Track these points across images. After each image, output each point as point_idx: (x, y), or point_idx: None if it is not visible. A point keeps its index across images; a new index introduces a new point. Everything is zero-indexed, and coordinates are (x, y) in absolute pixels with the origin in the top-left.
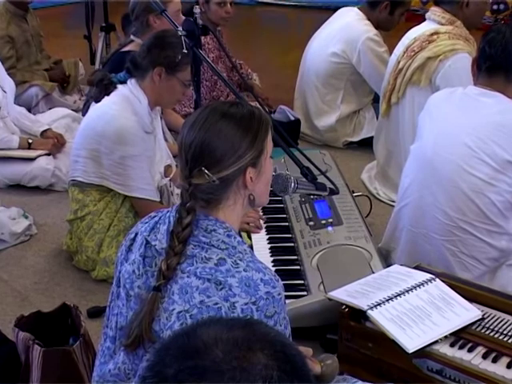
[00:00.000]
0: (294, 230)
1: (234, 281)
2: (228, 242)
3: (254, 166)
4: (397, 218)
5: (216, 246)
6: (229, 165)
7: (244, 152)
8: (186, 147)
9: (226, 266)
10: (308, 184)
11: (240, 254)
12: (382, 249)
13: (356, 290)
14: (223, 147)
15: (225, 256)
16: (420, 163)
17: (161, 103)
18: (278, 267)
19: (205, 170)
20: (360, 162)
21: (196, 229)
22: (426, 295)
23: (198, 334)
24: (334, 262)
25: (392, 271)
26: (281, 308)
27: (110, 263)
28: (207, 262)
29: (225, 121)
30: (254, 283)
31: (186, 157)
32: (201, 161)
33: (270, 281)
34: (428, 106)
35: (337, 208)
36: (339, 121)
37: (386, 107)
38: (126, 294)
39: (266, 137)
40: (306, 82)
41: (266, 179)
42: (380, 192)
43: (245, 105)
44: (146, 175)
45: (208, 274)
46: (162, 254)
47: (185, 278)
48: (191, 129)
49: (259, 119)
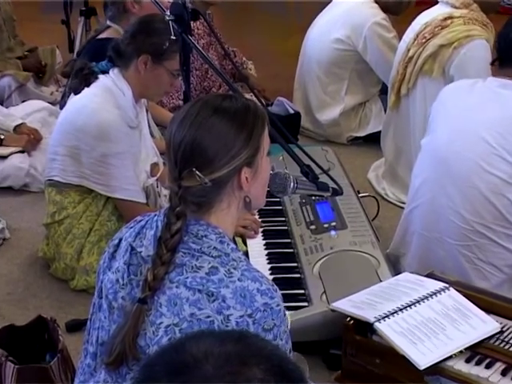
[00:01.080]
0: (294, 234)
1: (227, 292)
2: (221, 248)
3: (249, 166)
4: (407, 221)
5: (207, 253)
6: (222, 165)
7: (239, 151)
8: (175, 146)
9: (218, 275)
10: (309, 184)
11: (234, 262)
12: (390, 255)
13: (362, 301)
14: (216, 146)
15: (217, 264)
16: (433, 161)
17: (146, 95)
18: (276, 275)
19: (196, 171)
20: (366, 160)
21: (186, 234)
22: (440, 306)
23: (187, 348)
24: (337, 269)
25: (401, 280)
26: (280, 320)
27: (91, 272)
28: (198, 270)
29: (217, 116)
30: (249, 294)
31: (176, 157)
32: (191, 161)
33: (267, 291)
34: (442, 98)
35: (340, 210)
36: (343, 114)
37: (395, 99)
38: (108, 306)
39: (263, 133)
40: (307, 72)
41: (262, 179)
42: (388, 192)
43: (239, 98)
44: (130, 174)
45: (199, 285)
46: (148, 262)
47: (173, 288)
48: (180, 125)
49: (255, 113)
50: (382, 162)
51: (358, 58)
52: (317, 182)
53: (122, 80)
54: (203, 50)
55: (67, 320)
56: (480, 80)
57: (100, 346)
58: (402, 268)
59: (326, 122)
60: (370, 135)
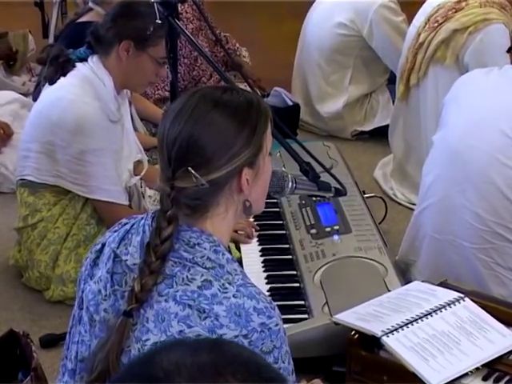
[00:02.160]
0: (293, 239)
1: (220, 309)
2: (215, 259)
3: (250, 166)
4: (417, 223)
5: (200, 264)
6: (221, 165)
7: (240, 149)
8: (169, 143)
9: (211, 289)
10: (309, 183)
11: (229, 276)
12: (399, 262)
13: (368, 313)
14: (215, 143)
15: (211, 277)
16: (445, 156)
17: (129, 85)
18: (272, 284)
19: (192, 170)
20: (372, 157)
21: (177, 242)
22: (454, 318)
23: (157, 360)
24: (341, 278)
25: (412, 289)
26: (281, 341)
27: (68, 281)
28: (189, 283)
29: (217, 111)
30: (245, 312)
31: (169, 155)
32: (187, 160)
33: (264, 310)
34: (455, 90)
35: (344, 212)
36: (347, 106)
37: (404, 89)
38: (89, 319)
39: (266, 130)
40: (307, 59)
41: (264, 182)
42: (397, 192)
43: (240, 91)
44: (110, 173)
45: (190, 299)
46: (133, 271)
47: (162, 302)
48: (175, 120)
49: (258, 109)
50: (389, 159)
51: (363, 44)
52: (318, 182)
53: (102, 69)
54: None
55: (41, 335)
56: (495, 68)
57: (80, 363)
58: (413, 276)
59: (328, 114)
60: (376, 129)
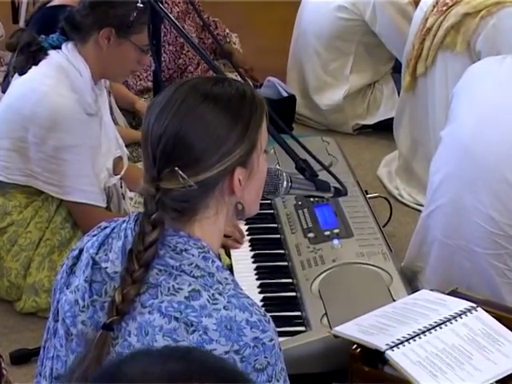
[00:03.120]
0: (288, 244)
1: (210, 322)
2: (204, 267)
3: (243, 166)
4: (425, 226)
5: (188, 272)
6: (212, 164)
7: (232, 147)
8: (154, 140)
9: (200, 300)
10: (306, 182)
11: (219, 286)
12: (405, 269)
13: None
14: (205, 140)
15: (199, 287)
16: (455, 153)
17: (109, 75)
18: (266, 294)
19: (179, 171)
20: (376, 153)
21: (162, 248)
22: (465, 330)
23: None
24: (341, 286)
25: (419, 299)
26: (276, 358)
27: (41, 291)
28: (176, 294)
29: (207, 105)
30: (237, 326)
31: (154, 153)
32: (174, 159)
33: (258, 323)
34: (465, 79)
35: (345, 214)
36: (348, 97)
37: (411, 79)
38: (65, 332)
39: (261, 125)
40: (303, 46)
41: (258, 182)
42: (403, 192)
43: (232, 81)
44: (87, 172)
45: (176, 311)
46: (114, 280)
47: (146, 314)
48: (161, 114)
49: (252, 102)
50: (395, 156)
51: (365, 29)
52: (315, 181)
53: (78, 57)
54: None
55: (12, 350)
56: (510, 56)
57: (55, 381)
58: (420, 284)
59: (327, 107)
60: (380, 123)
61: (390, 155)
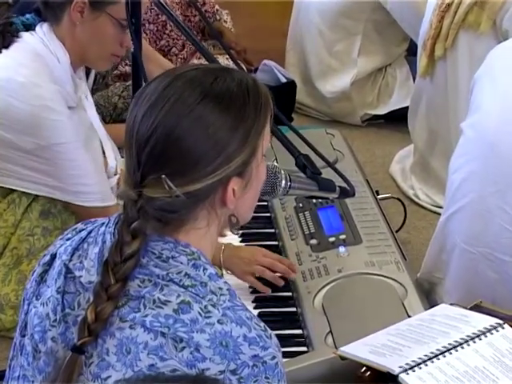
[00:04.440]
0: (287, 252)
1: (202, 338)
2: (194, 275)
3: (240, 176)
4: (444, 231)
5: (177, 281)
6: (205, 174)
7: (231, 155)
8: (141, 140)
9: (191, 313)
10: (307, 181)
11: (213, 296)
12: (422, 280)
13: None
14: (201, 147)
15: (189, 298)
16: (478, 148)
17: (88, 59)
18: (261, 309)
19: (166, 179)
20: (388, 147)
21: (145, 254)
22: (490, 350)
23: None
24: (348, 300)
25: (438, 314)
26: (278, 378)
27: (7, 307)
28: (162, 306)
29: (207, 103)
30: (233, 342)
31: (139, 155)
32: (162, 165)
33: (257, 339)
34: (489, 63)
35: (352, 218)
36: (356, 83)
37: (428, 62)
38: (33, 349)
39: (264, 128)
40: (305, 25)
41: (254, 192)
42: (419, 193)
43: (234, 74)
44: (93, 166)
45: (163, 326)
46: (89, 291)
47: (126, 329)
48: (151, 111)
49: (256, 100)
50: (409, 151)
51: (375, 6)
52: (319, 179)
53: (55, 40)
54: None
55: None
56: None
57: None
58: (439, 298)
59: (332, 94)
60: (393, 113)
61: (404, 150)
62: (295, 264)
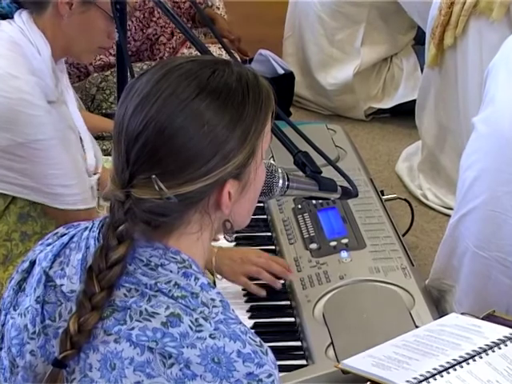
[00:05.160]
0: (285, 257)
1: (193, 353)
2: (185, 285)
3: (237, 178)
4: (455, 235)
5: (166, 291)
6: (200, 175)
7: (228, 155)
8: (130, 137)
9: (180, 327)
10: (307, 181)
11: (204, 308)
12: (430, 287)
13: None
14: (196, 146)
15: (179, 311)
16: (491, 144)
17: (72, 52)
18: (257, 320)
19: (157, 180)
20: (394, 144)
21: (132, 262)
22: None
23: None
24: (350, 310)
25: (447, 324)
26: None
27: None
28: (150, 319)
29: (204, 99)
30: (226, 359)
31: (128, 153)
32: (153, 164)
33: (252, 355)
34: (504, 53)
35: (355, 221)
36: (359, 75)
37: (437, 52)
38: (10, 363)
39: (265, 127)
40: (304, 12)
41: (253, 195)
42: (428, 193)
43: (233, 67)
44: (74, 166)
45: (151, 340)
46: (71, 301)
47: (111, 343)
48: (142, 107)
49: (257, 97)
50: (417, 147)
51: None
52: (319, 179)
53: (36, 30)
54: None
55: None
56: None
57: None
58: (449, 307)
59: (334, 86)
60: (399, 107)
61: (411, 146)
62: (293, 270)
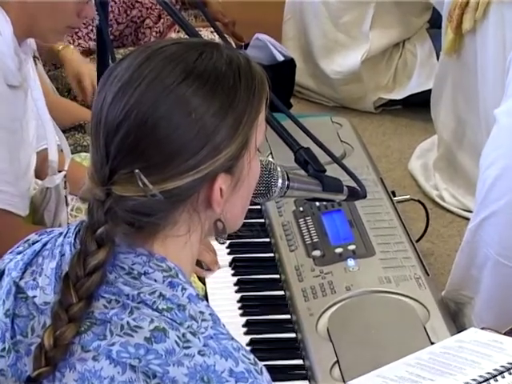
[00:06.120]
0: (285, 265)
1: (180, 372)
2: (171, 297)
3: (229, 172)
4: (475, 240)
5: (149, 303)
6: (187, 169)
7: (218, 147)
8: (110, 127)
9: (166, 343)
10: (309, 181)
11: (193, 322)
12: (447, 299)
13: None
14: (183, 135)
15: (164, 325)
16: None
17: (37, 32)
18: (254, 336)
19: (140, 174)
20: (407, 139)
21: (112, 270)
22: None
23: None
24: (358, 324)
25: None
26: None
27: None
28: (132, 334)
29: (190, 85)
30: (217, 378)
31: (108, 145)
32: (135, 157)
33: (246, 374)
34: None
35: (363, 225)
36: (368, 62)
37: (455, 37)
38: None
39: (258, 116)
40: None
41: (247, 190)
42: (444, 194)
43: (223, 51)
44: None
45: (133, 358)
46: (45, 314)
47: (89, 360)
48: (123, 93)
49: (249, 82)
50: (433, 143)
51: None
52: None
53: None
54: None
55: None
56: None
57: None
58: (468, 321)
59: (339, 75)
60: (412, 97)
61: (425, 142)
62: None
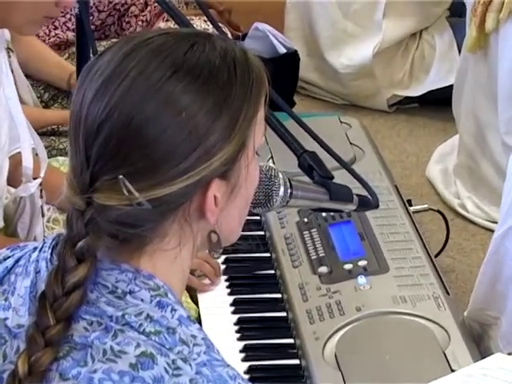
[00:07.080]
0: (288, 283)
1: None
2: (159, 318)
3: (224, 177)
4: (500, 253)
5: (136, 326)
6: (177, 175)
7: (212, 149)
8: (90, 129)
9: (154, 370)
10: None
11: (184, 348)
12: (470, 321)
13: None
14: (172, 136)
15: (152, 350)
16: None
17: (10, 23)
18: (252, 362)
19: (125, 180)
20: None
21: (94, 288)
22: None
23: None
24: (370, 349)
25: (492, 368)
26: None
27: None
28: (116, 359)
29: (180, 80)
30: None
31: (87, 149)
32: (119, 162)
33: None
34: None
35: (376, 238)
36: (381, 55)
37: (478, 35)
38: None
39: (256, 115)
40: None
41: (244, 200)
42: (467, 203)
43: (216, 42)
44: None
45: None
46: (18, 338)
47: None
48: (104, 90)
49: (246, 77)
50: (453, 146)
51: None
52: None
53: None
54: None
55: None
56: None
57: None
58: (493, 344)
59: (348, 69)
60: (430, 94)
61: (445, 144)
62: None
